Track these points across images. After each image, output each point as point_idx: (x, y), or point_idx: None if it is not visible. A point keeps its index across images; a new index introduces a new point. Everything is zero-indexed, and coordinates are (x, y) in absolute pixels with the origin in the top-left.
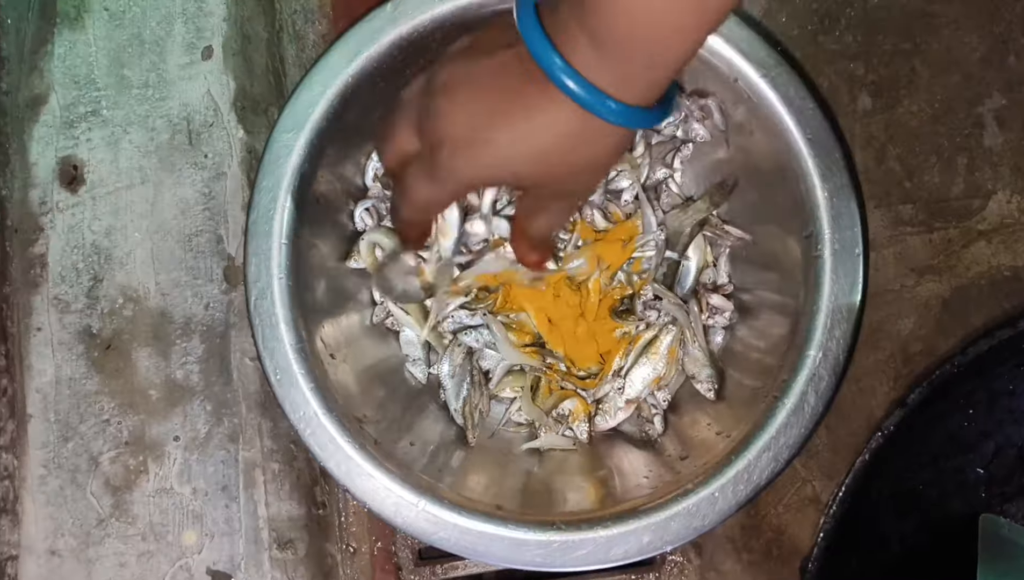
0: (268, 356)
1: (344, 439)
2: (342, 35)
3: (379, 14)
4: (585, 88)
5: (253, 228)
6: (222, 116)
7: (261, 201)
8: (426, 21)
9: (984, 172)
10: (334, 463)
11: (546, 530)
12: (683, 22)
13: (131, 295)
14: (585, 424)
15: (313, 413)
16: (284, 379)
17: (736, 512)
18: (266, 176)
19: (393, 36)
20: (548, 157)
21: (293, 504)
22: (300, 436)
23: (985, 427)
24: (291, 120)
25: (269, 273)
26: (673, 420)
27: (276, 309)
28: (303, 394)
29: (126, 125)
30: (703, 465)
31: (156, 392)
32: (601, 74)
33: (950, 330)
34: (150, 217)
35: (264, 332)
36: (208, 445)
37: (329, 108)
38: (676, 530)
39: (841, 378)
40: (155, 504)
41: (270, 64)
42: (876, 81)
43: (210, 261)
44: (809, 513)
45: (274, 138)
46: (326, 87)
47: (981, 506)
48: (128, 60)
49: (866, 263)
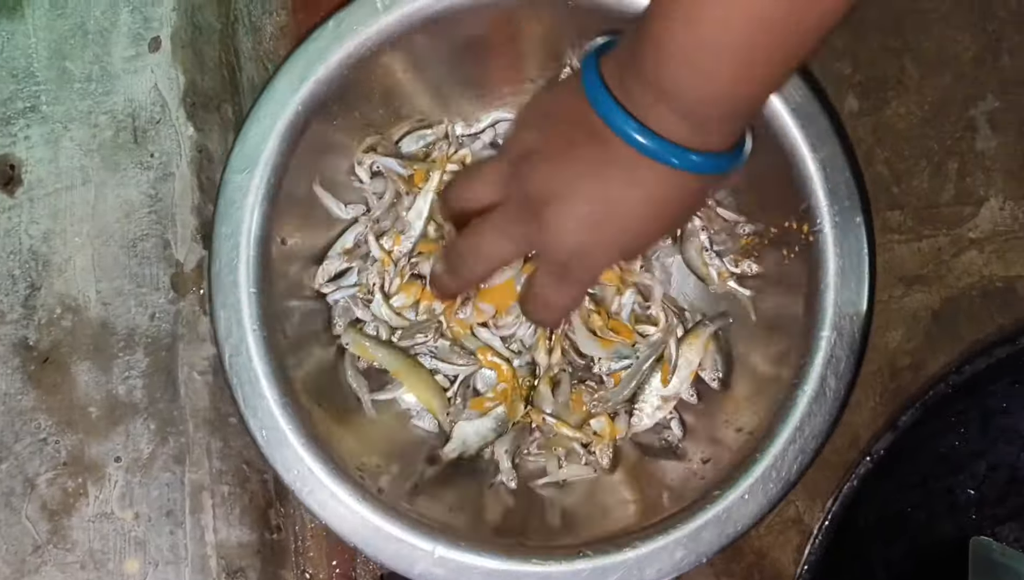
0: (251, 414)
1: (346, 493)
2: (287, 59)
3: (322, 33)
4: (663, 146)
5: (217, 280)
6: (170, 112)
7: (222, 250)
8: (372, 35)
9: (976, 177)
10: (338, 520)
11: (573, 559)
12: (752, 71)
13: (70, 304)
14: (609, 449)
15: (308, 470)
16: (272, 437)
17: (770, 513)
18: (223, 222)
19: (340, 55)
20: (660, 223)
21: (244, 529)
22: (299, 497)
23: (977, 447)
24: (242, 159)
25: (241, 327)
26: (689, 422)
27: (254, 364)
28: (295, 451)
29: (67, 122)
30: (728, 466)
31: (96, 409)
32: (673, 123)
33: (940, 344)
34: (92, 220)
35: (244, 390)
36: (152, 466)
37: (282, 142)
38: (709, 540)
39: (860, 357)
40: (95, 530)
41: (223, 57)
42: (863, 81)
43: (156, 268)
44: (792, 535)
45: (227, 180)
46: (275, 119)
47: (972, 529)
48: (70, 52)
49: (870, 231)
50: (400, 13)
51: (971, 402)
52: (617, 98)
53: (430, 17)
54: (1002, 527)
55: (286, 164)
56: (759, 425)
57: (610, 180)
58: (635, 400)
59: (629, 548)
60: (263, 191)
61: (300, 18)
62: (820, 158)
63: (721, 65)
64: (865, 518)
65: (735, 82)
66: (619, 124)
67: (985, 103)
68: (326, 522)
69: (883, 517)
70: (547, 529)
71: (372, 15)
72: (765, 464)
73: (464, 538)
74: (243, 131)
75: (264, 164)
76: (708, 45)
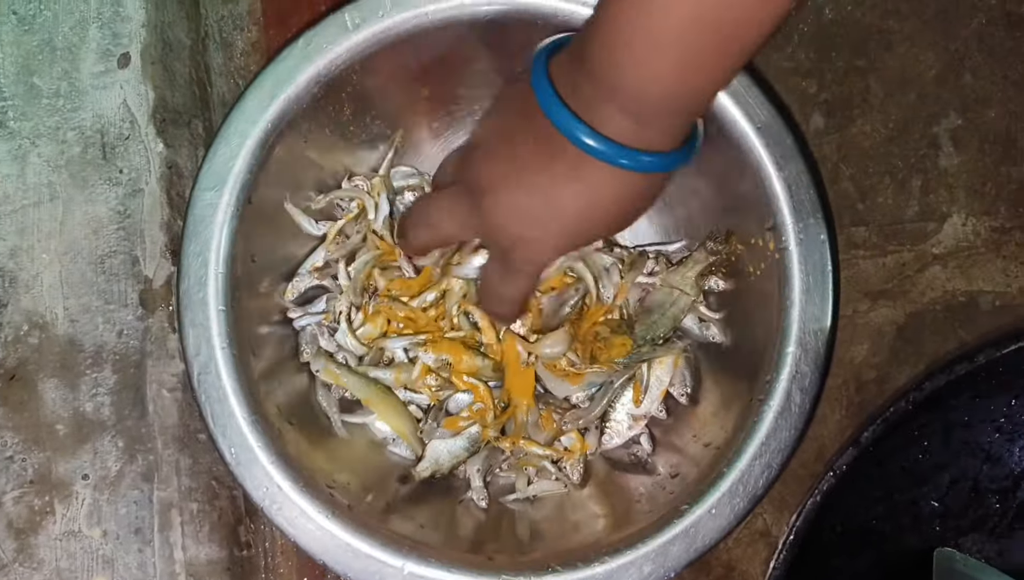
0: (220, 433)
1: (316, 510)
2: (256, 78)
3: (291, 52)
4: (607, 147)
5: (185, 298)
6: (139, 128)
7: (191, 267)
8: (342, 53)
9: (939, 194)
10: (308, 539)
11: (542, 575)
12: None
13: (37, 321)
14: (580, 464)
15: (278, 487)
16: (241, 455)
17: (737, 527)
18: (192, 240)
19: (310, 73)
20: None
21: (213, 547)
22: (268, 515)
23: (940, 459)
24: (211, 177)
25: (210, 345)
26: (659, 436)
27: (223, 381)
28: (264, 469)
29: (34, 137)
30: (695, 481)
31: (64, 427)
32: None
33: (904, 357)
34: (59, 237)
35: (213, 408)
36: (120, 484)
37: (252, 160)
38: (677, 554)
39: (825, 372)
40: (62, 548)
41: (194, 73)
42: (829, 100)
43: (124, 284)
44: (760, 548)
45: (196, 198)
46: (245, 137)
47: (936, 540)
48: (38, 68)
49: (834, 250)
50: (370, 31)
51: (933, 416)
52: (564, 97)
53: (400, 35)
54: (965, 538)
55: (256, 181)
56: (726, 440)
57: (555, 176)
58: (606, 418)
59: (598, 563)
60: (233, 208)
61: (272, 34)
62: (785, 176)
63: (666, 57)
64: (831, 531)
65: (681, 73)
66: (566, 126)
67: (948, 121)
68: (295, 540)
69: (849, 530)
70: (517, 544)
71: (342, 33)
72: (732, 479)
73: (434, 555)
74: (212, 149)
75: (234, 181)
76: (653, 35)
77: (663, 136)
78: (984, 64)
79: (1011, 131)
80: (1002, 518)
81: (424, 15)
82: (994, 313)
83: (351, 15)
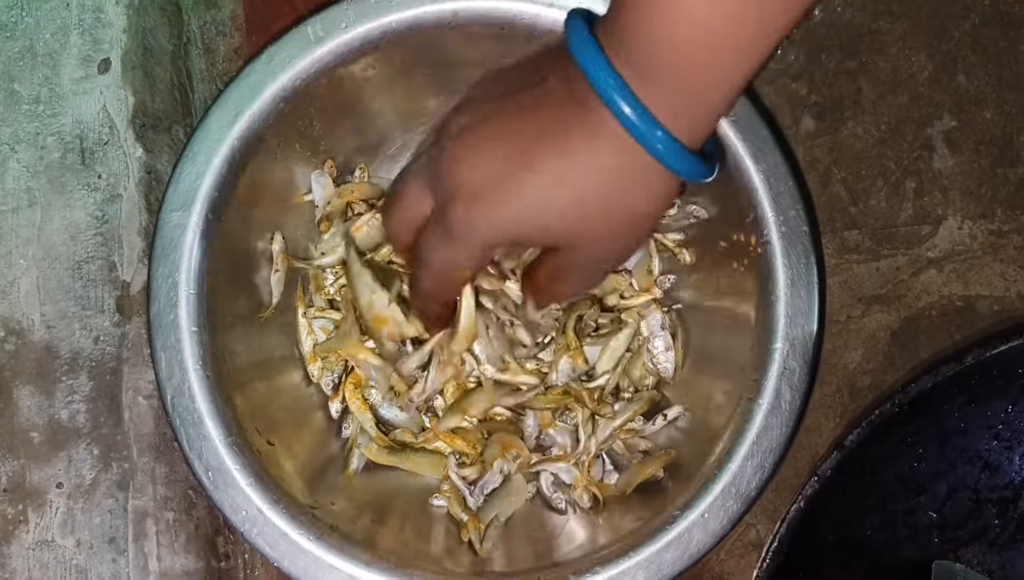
0: (196, 457)
1: (297, 532)
2: (218, 97)
3: (254, 68)
4: (637, 111)
5: (156, 321)
6: (119, 134)
7: (160, 290)
8: (307, 66)
9: (934, 196)
10: (290, 562)
11: None
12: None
13: (13, 328)
14: (587, 494)
15: (257, 510)
16: (218, 479)
17: (731, 530)
18: (161, 262)
19: (274, 88)
20: (584, 207)
21: (190, 558)
22: (248, 539)
23: (937, 468)
24: (178, 198)
25: (183, 367)
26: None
27: (197, 404)
28: (242, 492)
29: (14, 143)
30: (685, 484)
31: (38, 434)
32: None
33: (899, 363)
34: (37, 242)
35: (187, 432)
36: (94, 493)
37: (219, 178)
38: (671, 561)
39: (814, 367)
40: (35, 558)
41: (175, 79)
42: (820, 102)
43: (102, 290)
44: (752, 559)
45: (163, 219)
46: (211, 155)
47: (934, 551)
48: (19, 74)
49: (816, 242)
50: (334, 43)
51: (926, 422)
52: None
53: (364, 46)
54: (965, 550)
55: (226, 199)
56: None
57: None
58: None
59: (589, 574)
60: (202, 228)
61: (254, 40)
62: (763, 169)
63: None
64: (823, 540)
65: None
66: (607, 84)
67: (941, 122)
68: (278, 563)
69: (842, 539)
70: (508, 555)
71: (305, 47)
72: (724, 481)
73: (422, 574)
74: (177, 170)
75: (202, 201)
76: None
77: (692, 128)
78: (978, 65)
79: (1006, 132)
80: (1003, 529)
81: (389, 24)
82: (993, 318)
83: (313, 27)
